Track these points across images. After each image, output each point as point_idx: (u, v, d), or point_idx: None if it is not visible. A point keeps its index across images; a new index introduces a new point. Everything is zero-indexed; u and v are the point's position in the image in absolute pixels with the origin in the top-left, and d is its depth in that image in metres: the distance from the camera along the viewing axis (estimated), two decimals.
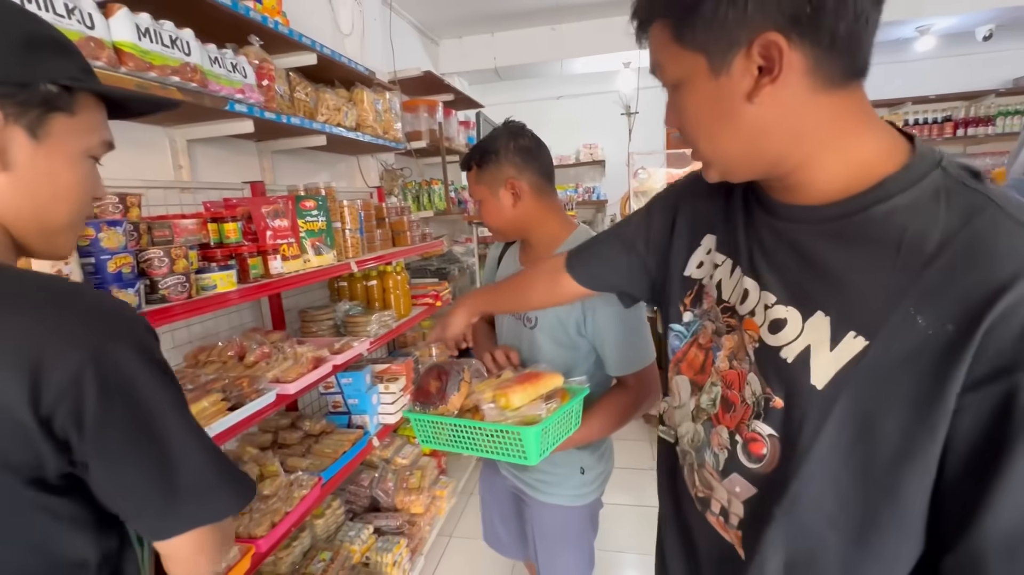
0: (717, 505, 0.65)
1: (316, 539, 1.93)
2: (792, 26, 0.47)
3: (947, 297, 0.46)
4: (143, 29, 1.25)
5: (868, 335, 0.50)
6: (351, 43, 2.84)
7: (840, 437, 0.52)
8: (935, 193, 0.49)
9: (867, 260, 0.51)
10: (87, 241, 1.01)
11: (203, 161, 1.88)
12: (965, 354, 0.45)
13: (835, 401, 0.51)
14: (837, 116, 0.51)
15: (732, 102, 0.52)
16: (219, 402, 1.29)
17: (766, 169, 0.57)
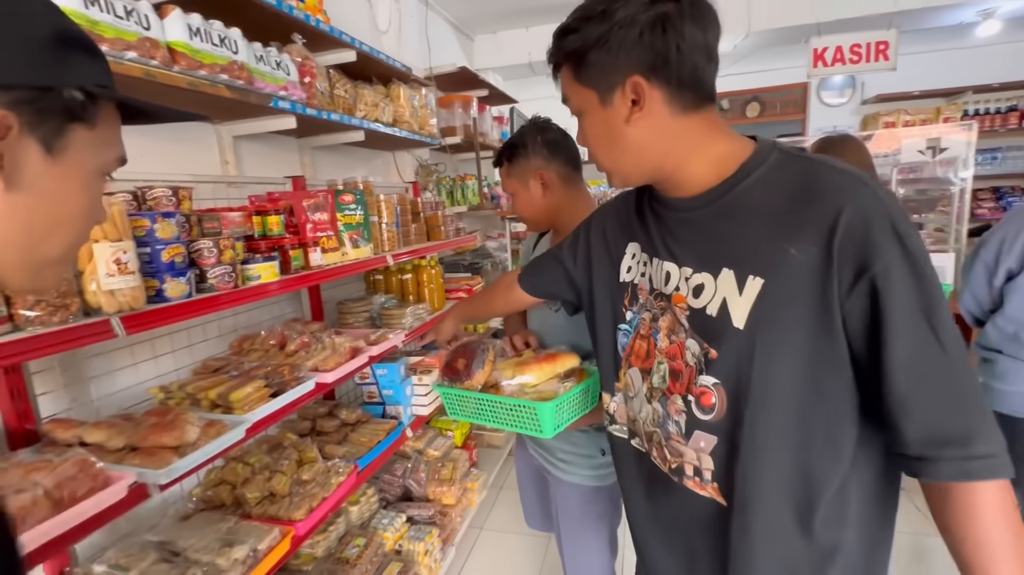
0: (690, 467, 0.74)
1: (351, 525, 1.98)
2: (650, 72, 0.65)
3: (805, 230, 0.62)
4: (194, 29, 1.30)
5: (762, 274, 0.64)
6: (388, 40, 2.88)
7: (767, 361, 0.64)
8: (778, 165, 0.67)
9: (745, 221, 0.67)
10: (143, 231, 1.06)
11: (248, 157, 1.95)
12: (831, 267, 0.60)
13: (755, 334, 0.64)
14: (695, 131, 0.69)
15: (616, 126, 0.69)
16: (262, 388, 1.34)
17: (651, 174, 0.74)
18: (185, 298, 1.12)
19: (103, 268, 0.94)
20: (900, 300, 0.57)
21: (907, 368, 0.58)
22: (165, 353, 1.53)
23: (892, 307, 0.57)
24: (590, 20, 0.66)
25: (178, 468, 1.02)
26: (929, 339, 0.58)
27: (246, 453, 1.58)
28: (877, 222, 0.58)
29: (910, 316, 0.58)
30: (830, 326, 0.61)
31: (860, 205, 0.59)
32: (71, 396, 1.29)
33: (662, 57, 0.63)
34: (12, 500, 0.81)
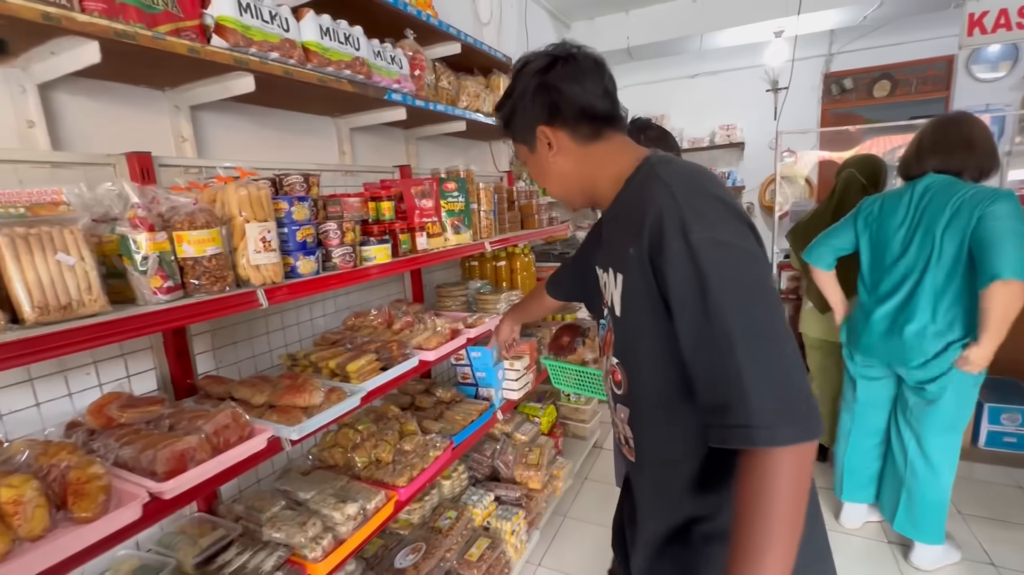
0: (621, 436, 0.91)
1: (443, 498, 2.09)
2: (548, 121, 0.85)
3: (634, 232, 0.75)
4: (325, 29, 1.42)
5: (622, 271, 0.80)
6: (489, 31, 2.93)
7: (635, 340, 0.80)
8: (639, 181, 0.81)
9: (617, 229, 0.83)
10: (282, 213, 1.18)
11: (361, 147, 2.10)
12: (648, 260, 0.72)
13: (626, 318, 0.80)
14: (599, 155, 0.87)
15: (545, 164, 0.90)
16: (374, 361, 1.45)
17: (583, 195, 0.92)
18: (314, 275, 1.23)
19: (252, 245, 1.07)
20: (678, 286, 0.68)
21: (687, 343, 0.69)
22: (292, 324, 1.71)
23: (674, 292, 0.69)
24: (507, 98, 0.90)
25: (307, 427, 1.14)
26: (699, 319, 0.67)
27: (356, 421, 1.72)
28: (667, 221, 0.69)
29: (685, 300, 0.68)
30: (659, 307, 0.73)
31: (657, 208, 0.72)
32: (219, 358, 1.49)
33: (553, 108, 0.84)
34: (184, 440, 0.95)
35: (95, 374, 1.19)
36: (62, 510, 0.83)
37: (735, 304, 0.65)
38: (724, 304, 0.64)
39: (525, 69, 0.86)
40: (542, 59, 0.85)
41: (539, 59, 0.85)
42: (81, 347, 0.79)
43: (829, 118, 5.16)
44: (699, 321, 0.66)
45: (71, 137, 1.20)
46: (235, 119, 1.58)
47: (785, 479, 0.62)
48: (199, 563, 1.18)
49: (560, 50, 0.85)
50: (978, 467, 2.76)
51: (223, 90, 1.32)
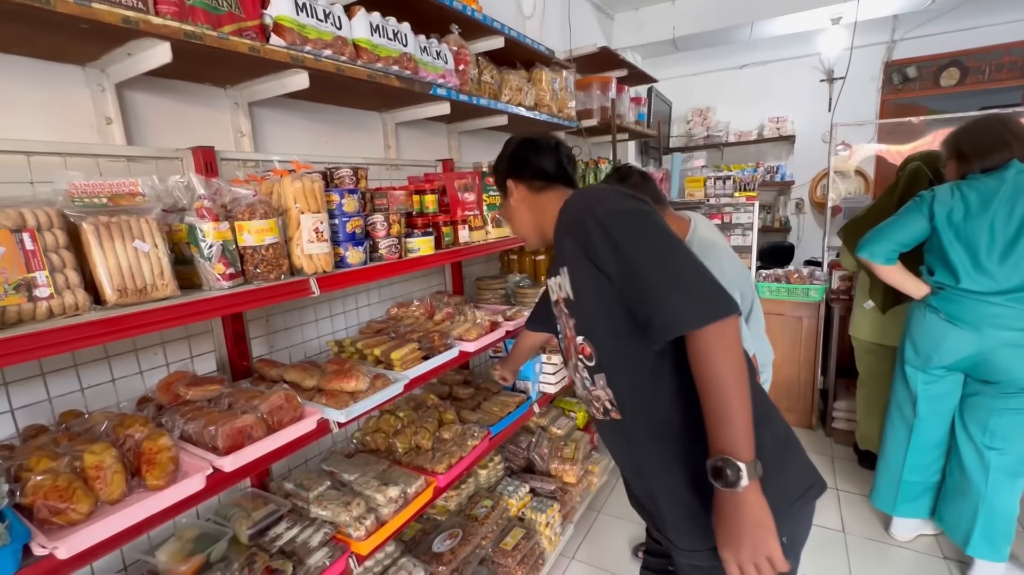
0: (607, 404, 1.01)
1: (479, 487, 2.12)
2: (515, 177, 1.15)
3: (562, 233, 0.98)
4: (375, 26, 1.46)
5: (565, 263, 0.98)
6: (532, 24, 2.93)
7: (586, 310, 0.97)
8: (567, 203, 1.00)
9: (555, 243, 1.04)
10: (333, 205, 1.23)
11: (405, 142, 2.15)
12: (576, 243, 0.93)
13: (578, 296, 0.97)
14: (548, 202, 1.11)
15: (511, 210, 1.18)
16: (416, 351, 1.48)
17: (538, 235, 1.17)
18: (362, 265, 1.28)
19: (306, 235, 1.12)
20: (599, 246, 0.88)
21: (617, 285, 0.88)
22: (338, 313, 1.78)
23: (599, 251, 0.88)
24: (497, 162, 1.21)
25: (354, 410, 1.19)
26: (616, 262, 0.86)
27: (397, 408, 1.77)
28: (579, 210, 0.94)
29: (606, 253, 0.87)
30: (593, 271, 0.91)
31: (569, 204, 0.97)
32: (271, 343, 1.57)
33: (516, 169, 1.15)
34: (242, 418, 1.01)
35: (163, 354, 1.28)
36: (136, 477, 0.91)
37: (634, 242, 0.85)
38: (628, 245, 0.85)
39: (512, 141, 1.18)
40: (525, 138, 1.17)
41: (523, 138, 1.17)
42: (155, 327, 0.86)
43: (889, 109, 4.87)
44: (617, 263, 0.86)
45: (144, 132, 1.29)
46: (289, 115, 1.65)
47: (716, 349, 0.79)
48: (252, 535, 1.26)
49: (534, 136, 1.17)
50: None
51: (280, 87, 1.38)
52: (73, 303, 0.82)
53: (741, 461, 0.77)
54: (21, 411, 1.05)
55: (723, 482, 0.78)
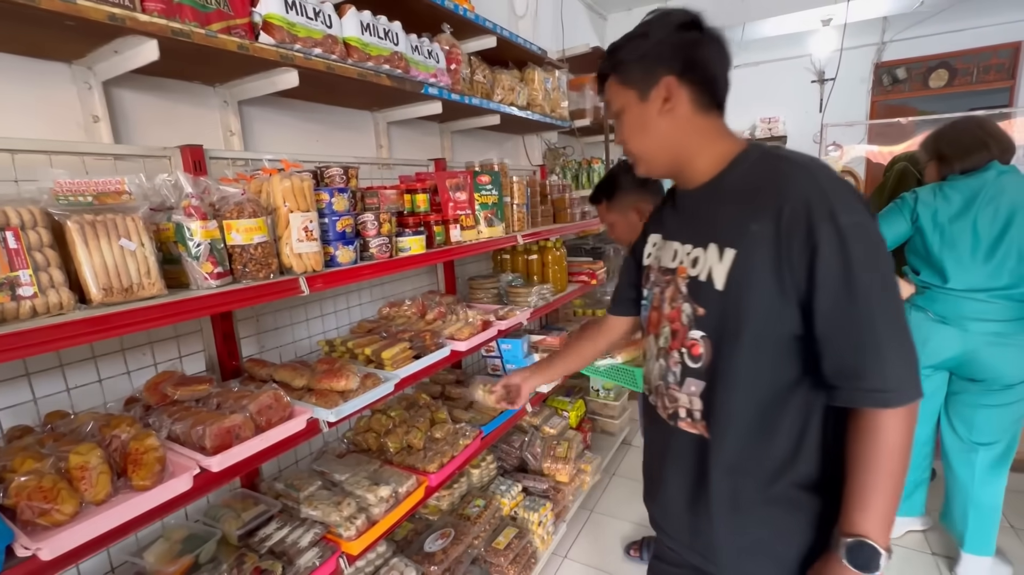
0: (683, 410, 0.91)
1: (472, 486, 2.12)
2: (681, 74, 0.83)
3: (764, 211, 0.78)
4: (365, 24, 1.46)
5: (736, 246, 0.81)
6: (524, 24, 2.93)
7: (738, 314, 0.81)
8: (755, 162, 0.85)
9: (725, 205, 0.85)
10: (323, 204, 1.22)
11: (397, 141, 2.14)
12: (780, 240, 0.76)
13: (728, 293, 0.81)
14: (706, 130, 0.88)
15: (650, 117, 0.87)
16: (407, 350, 1.48)
17: (671, 163, 0.91)
18: (352, 264, 1.28)
19: (295, 234, 1.12)
20: (826, 266, 0.73)
21: (824, 316, 0.75)
22: (329, 312, 1.77)
23: (819, 270, 0.74)
24: (634, 38, 0.86)
25: (344, 410, 1.18)
26: (842, 294, 0.73)
27: (389, 407, 1.77)
28: (815, 205, 0.74)
29: (832, 278, 0.73)
30: (782, 283, 0.77)
31: (801, 192, 0.76)
32: (262, 342, 1.56)
33: (690, 64, 0.83)
34: (230, 418, 1.00)
35: (151, 354, 1.27)
36: (122, 478, 0.90)
37: (875, 284, 0.73)
38: (868, 284, 0.73)
39: (669, 17, 0.84)
40: (691, 16, 0.84)
41: (687, 15, 0.84)
42: (140, 327, 0.85)
43: (879, 110, 4.92)
44: (843, 298, 0.73)
45: (131, 131, 1.28)
46: (279, 114, 1.64)
47: (904, 434, 0.74)
48: (242, 535, 1.25)
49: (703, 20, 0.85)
50: None
51: (269, 85, 1.37)
52: (57, 302, 0.81)
53: (884, 549, 0.74)
54: (5, 412, 1.04)
55: (856, 564, 0.75)
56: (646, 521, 2.39)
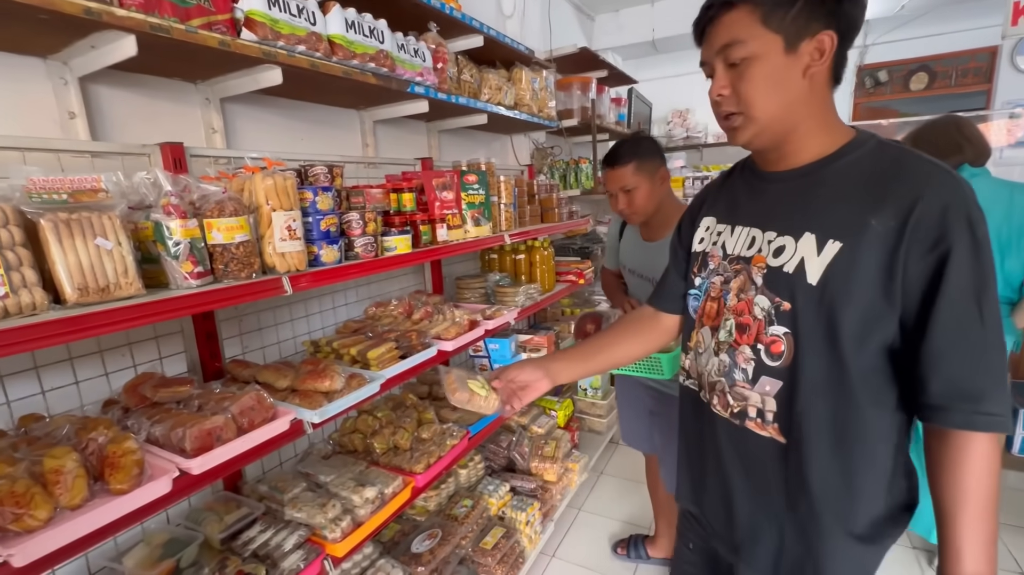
0: (753, 410, 0.84)
1: (459, 486, 2.12)
2: (840, 33, 0.73)
3: (887, 206, 0.71)
4: (350, 22, 1.44)
5: (842, 239, 0.74)
6: (512, 24, 2.93)
7: (832, 314, 0.74)
8: (873, 151, 0.77)
9: (834, 193, 0.77)
10: (307, 203, 1.21)
11: (384, 140, 2.13)
12: (903, 239, 0.69)
13: (824, 289, 0.74)
14: (828, 105, 0.79)
15: (793, 74, 0.75)
16: (393, 350, 1.47)
17: (784, 134, 0.79)
18: (337, 263, 1.26)
19: (278, 233, 1.10)
20: (958, 276, 0.67)
21: (946, 331, 0.69)
22: (315, 312, 1.76)
23: (950, 280, 0.67)
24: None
25: (328, 410, 1.17)
26: (972, 313, 0.68)
27: (375, 407, 1.76)
28: (953, 210, 0.68)
29: (962, 291, 0.67)
30: (890, 286, 0.71)
31: (940, 192, 0.69)
32: (245, 343, 1.54)
33: (854, 27, 0.74)
34: (211, 419, 0.99)
35: (130, 355, 1.25)
36: (99, 481, 0.88)
37: (995, 305, 0.69)
38: (992, 304, 0.69)
39: None
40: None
41: None
42: (117, 327, 0.83)
43: (861, 112, 5.00)
44: (969, 313, 0.68)
45: (109, 128, 1.26)
46: (263, 111, 1.62)
47: (997, 459, 0.71)
48: (225, 539, 1.23)
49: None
50: (1012, 475, 2.67)
51: (252, 82, 1.36)
52: (30, 302, 0.79)
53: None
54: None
55: None
56: (634, 519, 2.41)
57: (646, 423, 1.91)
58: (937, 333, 0.69)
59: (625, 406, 2.01)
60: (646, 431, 1.92)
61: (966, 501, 0.70)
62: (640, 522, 2.40)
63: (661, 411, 1.77)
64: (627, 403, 1.99)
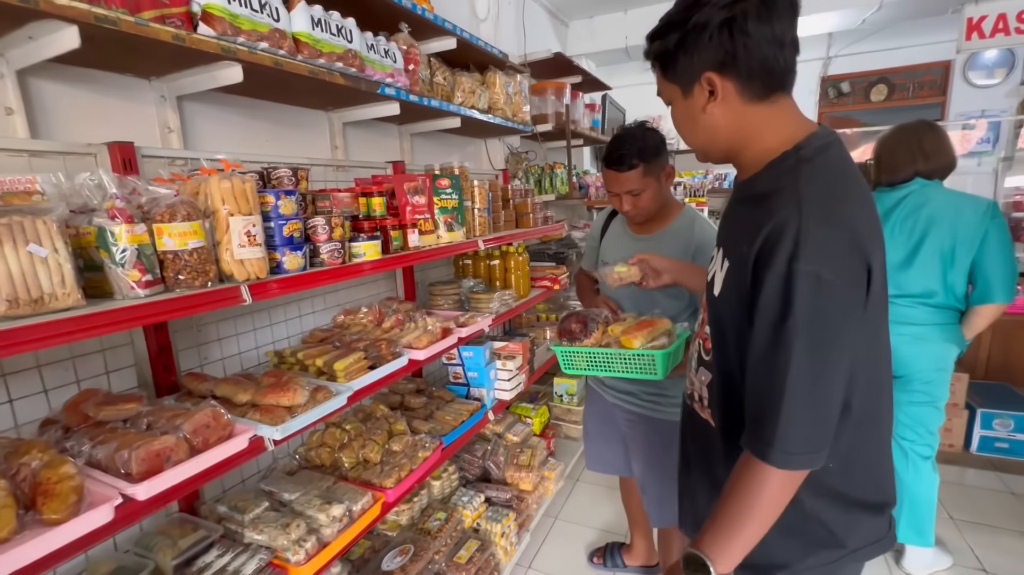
0: (696, 394, 0.97)
1: (433, 499, 2.06)
2: (721, 67, 0.76)
3: (752, 231, 0.75)
4: (316, 19, 1.39)
5: (730, 259, 0.82)
6: (486, 27, 2.91)
7: (725, 322, 0.84)
8: (788, 169, 0.77)
9: (741, 212, 0.84)
10: (268, 207, 1.15)
11: (354, 142, 2.07)
12: (753, 264, 0.75)
13: (722, 301, 0.84)
14: (760, 120, 0.80)
15: (696, 113, 0.82)
16: (362, 360, 1.42)
17: (724, 153, 0.86)
18: (301, 271, 1.20)
19: (236, 239, 1.04)
20: (766, 308, 0.72)
21: (752, 351, 0.75)
22: (279, 321, 1.68)
23: (760, 310, 0.73)
24: (672, 26, 0.79)
25: (291, 426, 1.11)
26: (771, 344, 0.72)
27: (343, 420, 1.69)
28: (782, 241, 0.70)
29: (767, 323, 0.72)
30: (746, 306, 0.77)
31: (779, 223, 0.71)
32: (203, 354, 1.46)
33: (731, 55, 0.75)
34: (160, 439, 0.92)
35: (72, 370, 1.16)
36: (31, 511, 0.80)
37: (805, 341, 0.69)
38: (795, 337, 0.69)
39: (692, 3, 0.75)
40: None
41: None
42: (51, 342, 0.76)
43: (826, 121, 5.16)
44: (768, 340, 0.72)
45: (53, 125, 1.17)
46: (224, 111, 1.55)
47: (777, 495, 0.75)
48: (178, 565, 1.15)
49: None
50: (970, 472, 2.77)
51: (211, 80, 1.29)
52: None
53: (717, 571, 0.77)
54: None
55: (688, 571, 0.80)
56: (610, 527, 2.40)
57: (619, 448, 1.81)
58: (749, 356, 0.76)
59: (594, 431, 1.89)
60: (620, 457, 1.82)
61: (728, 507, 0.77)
62: (616, 529, 2.38)
63: (636, 435, 1.68)
64: (597, 428, 1.87)
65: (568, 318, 1.46)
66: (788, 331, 0.70)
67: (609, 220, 1.78)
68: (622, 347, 1.35)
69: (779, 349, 0.71)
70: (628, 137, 1.47)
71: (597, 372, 1.42)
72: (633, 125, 1.52)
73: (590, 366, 1.41)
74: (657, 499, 1.67)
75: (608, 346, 1.39)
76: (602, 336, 1.41)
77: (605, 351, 1.37)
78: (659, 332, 1.38)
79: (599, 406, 1.83)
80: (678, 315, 1.55)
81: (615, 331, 1.39)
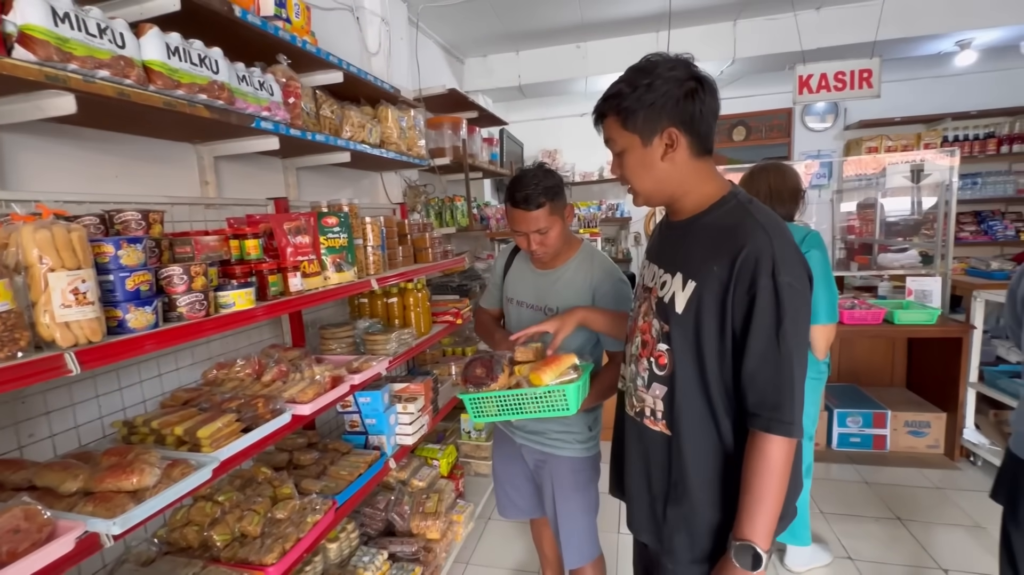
0: (648, 410, 1.08)
1: (328, 564, 1.87)
2: (682, 125, 0.95)
3: (723, 255, 0.93)
4: (172, 48, 1.26)
5: (696, 279, 0.97)
6: (377, 62, 2.87)
7: (692, 336, 0.98)
8: (731, 209, 0.99)
9: (696, 243, 1.00)
10: (106, 258, 0.99)
11: (229, 177, 1.90)
12: (731, 282, 0.92)
13: (686, 317, 0.98)
14: (699, 172, 1.01)
15: (653, 160, 0.98)
16: (233, 423, 1.26)
17: (667, 198, 1.05)
18: (150, 329, 1.05)
19: (58, 299, 0.88)
20: (761, 315, 0.90)
21: (755, 356, 0.91)
22: (132, 384, 1.45)
23: (756, 317, 0.90)
24: (638, 88, 0.94)
25: (134, 516, 0.94)
26: (772, 342, 0.90)
27: (216, 490, 1.49)
28: (763, 261, 0.89)
29: (764, 326, 0.90)
30: (723, 318, 0.94)
31: (755, 246, 0.90)
32: (27, 431, 1.21)
33: (690, 116, 0.94)
34: None
35: None
36: None
37: (794, 335, 0.90)
38: (789, 334, 0.89)
39: (675, 72, 0.93)
40: (691, 69, 0.95)
41: (688, 68, 0.95)
42: None
43: None
44: (770, 342, 0.90)
45: None
46: (57, 143, 1.34)
47: (790, 460, 0.92)
48: None
49: (698, 70, 0.95)
50: (833, 467, 3.12)
51: (34, 110, 1.11)
52: None
53: (765, 552, 0.91)
54: None
55: (743, 563, 0.92)
56: (524, 566, 2.35)
57: (529, 489, 1.77)
58: (749, 357, 0.92)
59: (503, 475, 1.83)
60: (530, 500, 1.79)
61: (756, 486, 0.91)
62: (530, 567, 2.34)
63: (545, 475, 1.65)
64: (505, 472, 1.81)
65: (472, 363, 1.39)
66: (785, 330, 0.89)
67: (511, 258, 1.77)
68: (532, 385, 1.31)
69: (781, 345, 0.89)
70: (531, 177, 1.47)
71: (509, 416, 1.36)
72: (533, 166, 1.53)
73: (501, 411, 1.36)
74: (570, 538, 1.65)
75: (518, 386, 1.34)
76: (509, 378, 1.37)
77: (515, 392, 1.32)
78: (566, 367, 1.36)
79: (507, 448, 1.79)
80: (583, 347, 1.56)
81: (522, 371, 1.36)
